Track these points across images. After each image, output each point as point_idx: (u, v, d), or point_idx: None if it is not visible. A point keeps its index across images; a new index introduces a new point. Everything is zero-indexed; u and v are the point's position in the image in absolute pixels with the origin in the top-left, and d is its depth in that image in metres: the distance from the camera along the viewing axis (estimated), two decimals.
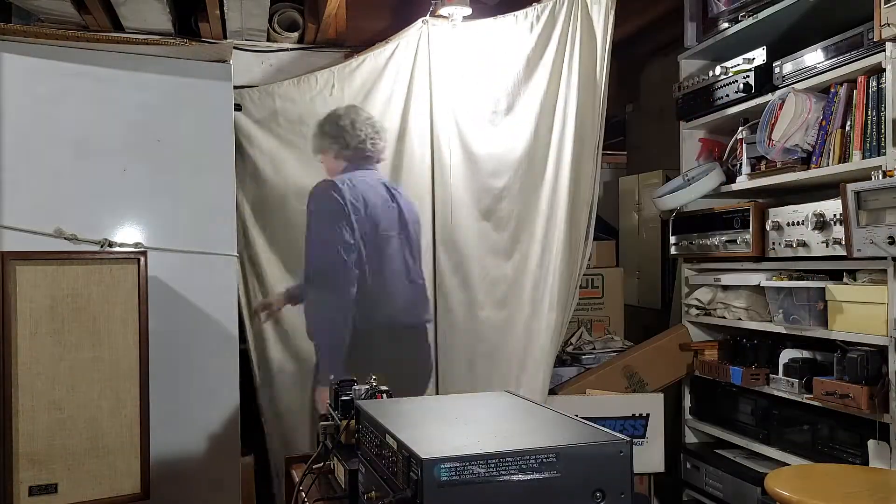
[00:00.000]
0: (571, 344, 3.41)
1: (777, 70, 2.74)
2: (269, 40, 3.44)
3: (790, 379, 2.63)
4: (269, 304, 3.19)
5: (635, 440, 2.29)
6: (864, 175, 2.30)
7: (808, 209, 2.55)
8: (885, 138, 2.25)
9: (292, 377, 3.21)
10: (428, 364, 3.09)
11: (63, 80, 2.59)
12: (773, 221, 2.73)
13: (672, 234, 3.30)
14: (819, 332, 2.51)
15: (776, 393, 2.72)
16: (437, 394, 3.13)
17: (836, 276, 2.53)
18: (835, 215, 2.42)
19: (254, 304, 3.24)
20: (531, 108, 3.05)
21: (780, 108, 2.58)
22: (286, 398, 3.23)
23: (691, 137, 3.33)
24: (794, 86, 2.62)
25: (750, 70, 2.83)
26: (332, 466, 1.73)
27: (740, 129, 2.97)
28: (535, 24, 3.04)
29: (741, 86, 2.85)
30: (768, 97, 2.73)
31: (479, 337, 3.19)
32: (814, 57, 2.57)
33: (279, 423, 3.24)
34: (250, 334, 3.21)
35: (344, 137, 2.95)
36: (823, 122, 2.51)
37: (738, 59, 2.89)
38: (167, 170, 2.72)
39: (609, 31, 2.93)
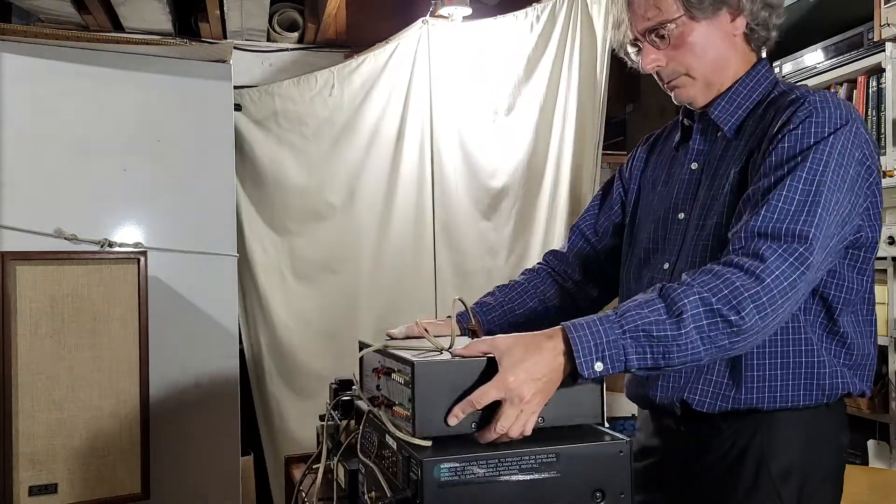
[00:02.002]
0: None
1: (777, 70, 2.73)
2: (269, 40, 3.44)
3: None
4: None
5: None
6: None
7: None
8: (885, 138, 2.25)
9: (282, 378, 3.20)
10: None
11: (63, 80, 2.59)
12: None
13: None
14: None
15: None
16: None
17: None
18: None
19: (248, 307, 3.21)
20: (531, 108, 3.05)
21: None
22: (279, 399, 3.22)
23: None
24: None
25: None
26: (332, 466, 1.73)
27: None
28: (536, 24, 3.05)
29: None
30: None
31: None
32: (814, 57, 2.57)
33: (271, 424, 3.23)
34: (245, 336, 3.19)
35: None
36: None
37: None
38: (167, 170, 2.72)
39: (609, 31, 2.92)
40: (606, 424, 1.18)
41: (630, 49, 1.35)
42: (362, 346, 1.39)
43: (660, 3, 1.26)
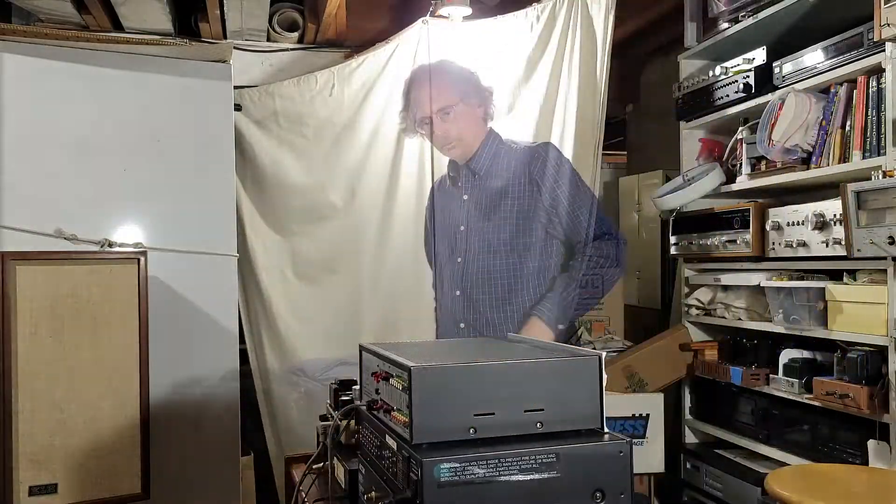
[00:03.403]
0: (571, 344, 3.41)
1: (777, 70, 2.73)
2: (269, 40, 3.44)
3: (790, 379, 2.63)
4: None
5: (635, 440, 2.29)
6: (864, 175, 2.30)
7: (808, 209, 2.55)
8: (885, 138, 2.25)
9: (284, 378, 3.21)
10: None
11: (63, 80, 2.59)
12: (773, 221, 2.73)
13: (672, 234, 3.30)
14: (819, 332, 2.51)
15: (776, 393, 2.71)
16: None
17: (836, 276, 2.52)
18: (835, 215, 2.42)
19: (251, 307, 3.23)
20: (531, 108, 3.05)
21: (780, 109, 2.58)
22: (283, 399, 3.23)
23: (691, 137, 3.33)
24: (794, 86, 2.62)
25: (750, 70, 2.83)
26: (332, 466, 1.73)
27: (740, 129, 2.97)
28: (536, 24, 3.05)
29: (741, 86, 2.85)
30: (768, 97, 2.73)
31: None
32: (814, 57, 2.57)
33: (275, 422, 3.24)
34: (248, 336, 3.20)
35: None
36: (823, 122, 2.51)
37: (738, 59, 2.89)
38: (167, 170, 2.72)
39: (609, 31, 2.93)
40: (606, 427, 1.18)
41: (421, 125, 2.31)
42: (363, 350, 1.39)
43: (447, 94, 2.27)
